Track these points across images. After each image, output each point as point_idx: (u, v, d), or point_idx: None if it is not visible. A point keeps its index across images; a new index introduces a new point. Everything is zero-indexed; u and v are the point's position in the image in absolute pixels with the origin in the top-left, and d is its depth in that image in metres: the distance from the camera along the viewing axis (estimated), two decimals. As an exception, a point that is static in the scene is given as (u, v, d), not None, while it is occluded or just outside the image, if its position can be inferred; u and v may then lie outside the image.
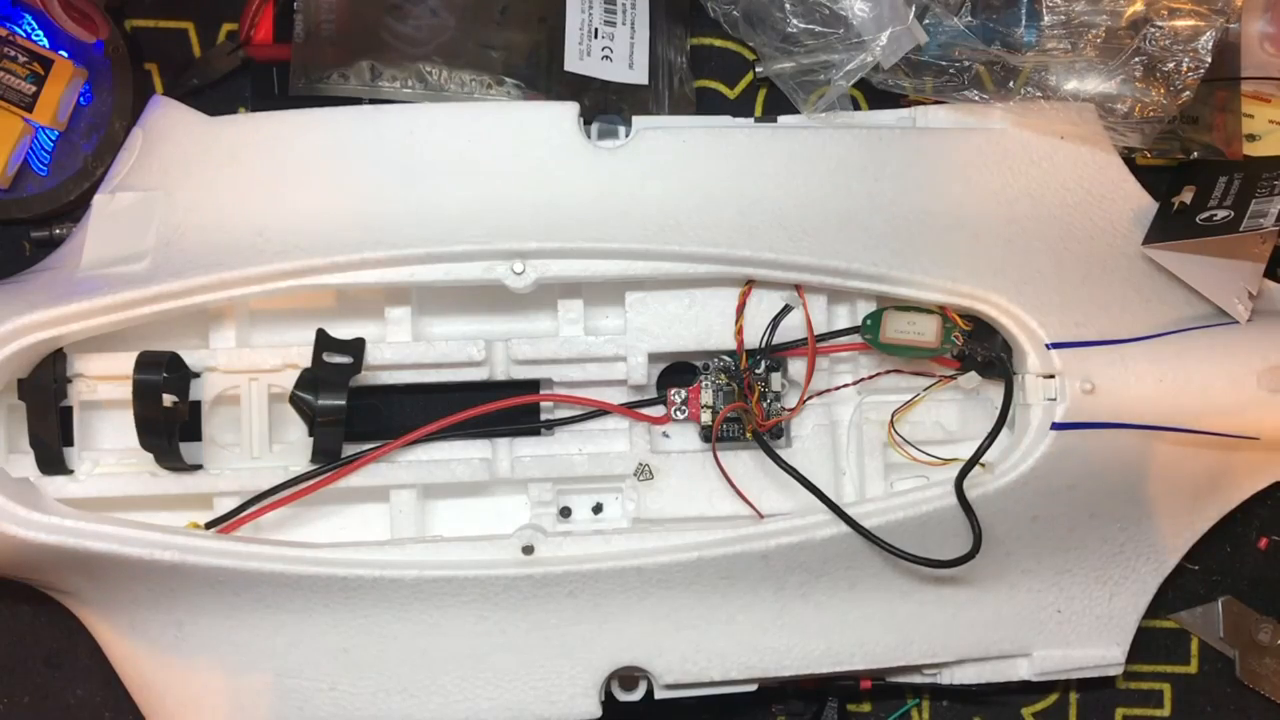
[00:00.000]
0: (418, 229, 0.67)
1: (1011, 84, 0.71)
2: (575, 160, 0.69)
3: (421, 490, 0.69)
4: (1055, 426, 0.66)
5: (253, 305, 0.70)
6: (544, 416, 0.71)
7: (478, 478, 0.69)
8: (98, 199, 0.69)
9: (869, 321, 0.69)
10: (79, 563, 0.64)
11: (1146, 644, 0.76)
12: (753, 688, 0.69)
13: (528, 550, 0.66)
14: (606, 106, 0.73)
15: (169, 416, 0.65)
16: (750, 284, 0.69)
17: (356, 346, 0.67)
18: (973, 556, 0.65)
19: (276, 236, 0.67)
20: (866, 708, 0.77)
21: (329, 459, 0.67)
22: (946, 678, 0.71)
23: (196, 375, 0.68)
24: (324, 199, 0.68)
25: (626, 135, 0.71)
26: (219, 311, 0.68)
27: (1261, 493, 0.73)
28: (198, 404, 0.68)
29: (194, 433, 0.68)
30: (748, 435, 0.68)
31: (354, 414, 0.66)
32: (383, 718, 0.67)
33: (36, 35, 0.72)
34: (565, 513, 0.71)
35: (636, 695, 0.69)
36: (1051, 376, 0.66)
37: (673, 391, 0.70)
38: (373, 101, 0.72)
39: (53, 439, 0.67)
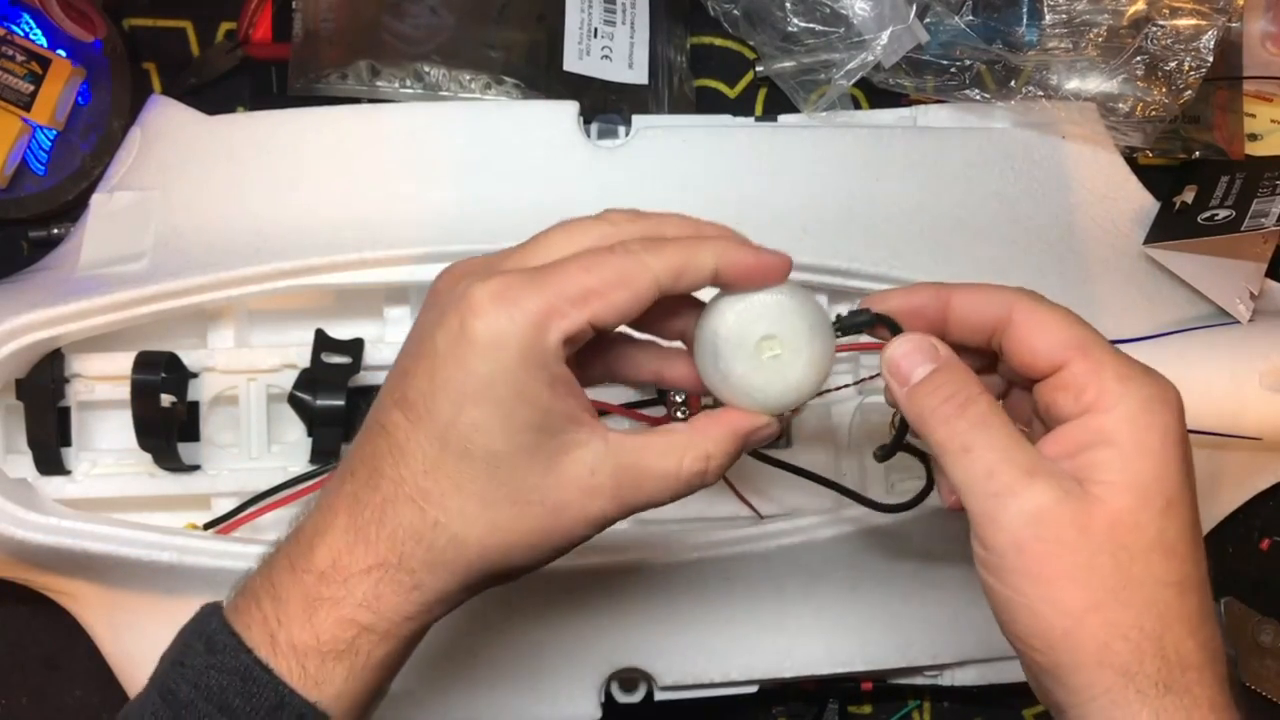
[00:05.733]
0: (417, 229, 0.67)
1: (1013, 83, 0.71)
2: (575, 160, 0.69)
3: (421, 491, 0.69)
4: (1056, 427, 0.65)
5: (251, 305, 0.70)
6: (543, 417, 0.70)
7: (477, 478, 0.69)
8: (96, 198, 0.69)
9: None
10: (77, 563, 0.64)
11: (1148, 645, 0.76)
12: (753, 689, 0.69)
13: (527, 551, 0.66)
14: (606, 106, 0.73)
15: (167, 417, 0.65)
16: (750, 284, 0.68)
17: (355, 347, 0.67)
18: (924, 497, 0.56)
19: (275, 236, 0.67)
20: (867, 709, 0.77)
21: (328, 459, 0.67)
22: (948, 679, 0.71)
23: (195, 375, 0.67)
24: (323, 198, 0.68)
25: (626, 135, 0.71)
26: (217, 311, 0.68)
27: (1263, 493, 0.73)
28: (196, 404, 0.68)
29: (192, 433, 0.68)
30: (747, 435, 0.68)
31: (353, 414, 0.66)
32: (381, 718, 0.67)
33: (34, 34, 0.72)
34: (565, 513, 0.70)
35: (636, 697, 0.69)
36: (1053, 376, 0.66)
37: (673, 391, 0.69)
38: (371, 101, 0.72)
39: (50, 439, 0.66)
